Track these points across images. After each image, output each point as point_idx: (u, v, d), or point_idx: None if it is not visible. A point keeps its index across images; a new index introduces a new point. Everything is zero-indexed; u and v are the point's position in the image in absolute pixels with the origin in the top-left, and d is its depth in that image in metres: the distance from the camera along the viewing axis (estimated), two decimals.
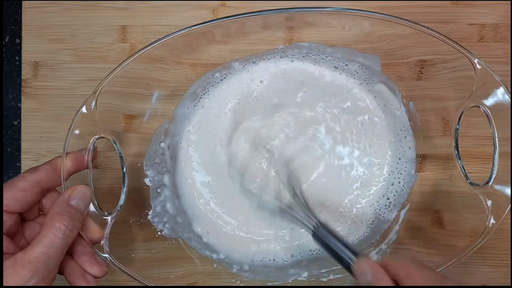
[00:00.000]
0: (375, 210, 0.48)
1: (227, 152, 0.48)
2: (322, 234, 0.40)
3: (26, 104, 0.50)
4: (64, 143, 0.41)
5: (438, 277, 0.33)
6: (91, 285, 0.38)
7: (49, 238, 0.35)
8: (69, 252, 0.39)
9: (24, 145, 0.50)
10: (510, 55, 0.48)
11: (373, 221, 0.48)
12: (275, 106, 0.48)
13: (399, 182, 0.48)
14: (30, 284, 0.34)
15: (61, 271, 0.38)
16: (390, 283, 0.33)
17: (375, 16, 0.43)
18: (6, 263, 0.34)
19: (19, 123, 0.50)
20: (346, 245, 0.38)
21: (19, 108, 0.51)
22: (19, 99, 0.51)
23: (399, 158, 0.48)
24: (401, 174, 0.48)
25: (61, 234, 0.35)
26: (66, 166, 0.40)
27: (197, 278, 0.47)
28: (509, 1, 0.48)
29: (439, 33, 0.42)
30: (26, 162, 0.50)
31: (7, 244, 0.36)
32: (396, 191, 0.48)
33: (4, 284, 0.33)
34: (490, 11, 0.48)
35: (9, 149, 0.52)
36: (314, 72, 0.48)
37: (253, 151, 0.48)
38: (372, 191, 0.48)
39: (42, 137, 0.50)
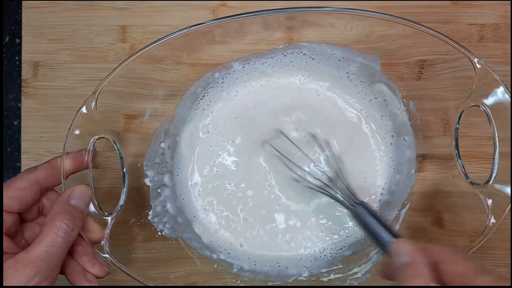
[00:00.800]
0: (375, 210, 0.48)
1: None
2: (361, 212, 0.41)
3: (26, 104, 0.50)
4: (64, 143, 0.41)
5: (479, 267, 0.32)
6: (93, 284, 0.38)
7: (50, 237, 0.35)
8: (70, 253, 0.39)
9: (24, 145, 0.50)
10: (510, 55, 0.48)
11: None
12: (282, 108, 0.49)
13: (399, 182, 0.48)
14: (32, 283, 0.34)
15: (62, 271, 0.38)
16: (427, 266, 0.32)
17: (375, 16, 0.43)
18: (8, 263, 0.34)
19: (19, 123, 0.50)
20: (384, 225, 0.39)
21: (19, 108, 0.51)
22: (19, 99, 0.51)
23: (399, 158, 0.48)
24: (401, 174, 0.48)
25: (62, 233, 0.35)
26: (66, 166, 0.40)
27: (197, 278, 0.47)
28: (509, 1, 0.48)
29: (439, 33, 0.42)
30: (26, 162, 0.50)
31: (7, 244, 0.36)
32: (396, 191, 0.48)
33: (7, 284, 0.33)
34: (490, 11, 0.48)
35: (9, 149, 0.52)
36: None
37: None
38: (371, 191, 0.48)
39: (42, 137, 0.50)
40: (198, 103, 0.49)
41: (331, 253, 0.47)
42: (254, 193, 0.48)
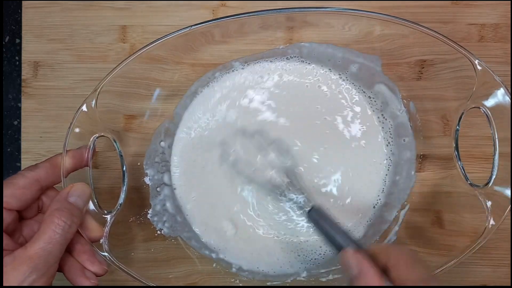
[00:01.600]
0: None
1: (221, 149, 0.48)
2: (316, 217, 0.40)
3: (26, 104, 0.50)
4: (64, 141, 0.41)
5: (426, 276, 0.32)
6: (92, 281, 0.38)
7: (48, 234, 0.35)
8: (69, 251, 0.39)
9: (24, 145, 0.50)
10: (510, 55, 0.48)
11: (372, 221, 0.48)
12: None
13: (399, 183, 0.48)
14: (29, 280, 0.33)
15: (60, 269, 0.38)
16: (376, 275, 0.32)
17: (375, 16, 0.43)
18: (6, 260, 0.34)
19: (19, 123, 0.50)
20: (337, 231, 0.38)
21: (19, 108, 0.51)
22: (19, 99, 0.51)
23: (399, 159, 0.48)
24: (400, 175, 0.48)
25: (60, 230, 0.35)
26: (66, 164, 0.40)
27: (197, 278, 0.47)
28: (509, 1, 0.48)
29: (439, 33, 0.42)
30: (26, 162, 0.50)
31: (6, 241, 0.36)
32: (396, 192, 0.48)
33: (4, 280, 0.33)
34: (490, 11, 0.48)
35: (9, 149, 0.52)
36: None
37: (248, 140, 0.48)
38: (371, 193, 0.48)
39: (42, 137, 0.50)
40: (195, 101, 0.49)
41: (331, 251, 0.47)
42: (252, 189, 0.48)
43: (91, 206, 0.41)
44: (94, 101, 0.42)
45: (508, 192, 0.41)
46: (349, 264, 0.34)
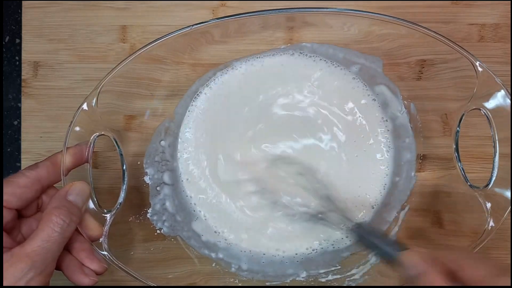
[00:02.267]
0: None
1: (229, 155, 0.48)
2: (360, 235, 0.41)
3: (26, 104, 0.50)
4: (65, 140, 0.41)
5: (496, 269, 0.30)
6: (91, 278, 0.38)
7: (46, 232, 0.35)
8: (68, 249, 0.39)
9: (24, 145, 0.50)
10: (510, 55, 0.48)
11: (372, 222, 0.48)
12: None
13: (398, 184, 0.48)
14: (27, 277, 0.33)
15: (58, 267, 0.38)
16: (441, 276, 0.31)
17: (375, 16, 0.43)
18: (3, 257, 0.34)
19: (19, 123, 0.50)
20: (386, 241, 0.38)
21: (19, 108, 0.51)
22: (19, 99, 0.51)
23: (399, 160, 0.48)
24: (400, 176, 0.48)
25: (58, 228, 0.35)
26: (66, 162, 0.40)
27: (197, 278, 0.47)
28: (509, 1, 0.48)
29: (439, 33, 0.42)
30: (26, 162, 0.50)
31: (4, 239, 0.36)
32: (395, 193, 0.48)
33: (4, 278, 0.33)
34: (490, 11, 0.48)
35: (9, 149, 0.52)
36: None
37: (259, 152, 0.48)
38: (370, 194, 0.48)
39: (42, 137, 0.50)
40: (197, 101, 0.49)
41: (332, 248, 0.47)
42: (255, 189, 0.48)
43: (91, 205, 0.41)
44: (94, 100, 0.42)
45: (508, 193, 0.41)
46: (413, 263, 0.33)
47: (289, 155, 0.48)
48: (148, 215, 0.47)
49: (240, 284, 0.47)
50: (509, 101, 0.41)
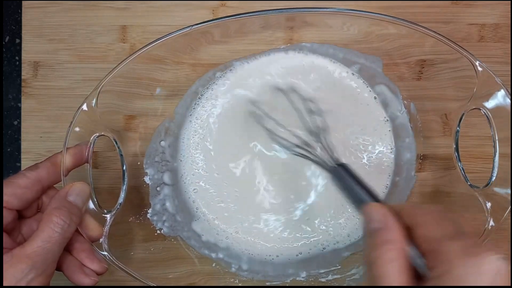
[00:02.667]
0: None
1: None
2: (341, 174, 0.38)
3: (26, 104, 0.50)
4: (65, 140, 0.41)
5: (454, 231, 0.28)
6: (92, 278, 0.38)
7: (46, 233, 0.35)
8: (68, 249, 0.39)
9: (24, 145, 0.50)
10: (510, 55, 0.48)
11: None
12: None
13: (398, 184, 0.48)
14: (28, 278, 0.33)
15: (59, 267, 0.38)
16: (399, 231, 0.29)
17: (375, 16, 0.43)
18: (4, 258, 0.34)
19: (19, 123, 0.50)
20: (364, 188, 0.36)
21: (19, 108, 0.51)
22: (19, 99, 0.51)
23: (399, 160, 0.48)
24: (400, 176, 0.48)
25: (59, 228, 0.35)
26: (66, 162, 0.40)
27: (197, 278, 0.47)
28: (509, 1, 0.48)
29: (439, 33, 0.42)
30: (26, 162, 0.50)
31: (4, 239, 0.36)
32: (395, 193, 0.48)
33: (4, 279, 0.33)
34: (490, 11, 0.48)
35: (9, 149, 0.52)
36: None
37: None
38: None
39: (42, 137, 0.50)
40: (199, 99, 0.49)
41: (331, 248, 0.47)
42: (249, 192, 0.48)
43: (91, 205, 0.41)
44: (94, 100, 0.42)
45: (508, 193, 0.41)
46: (373, 217, 0.32)
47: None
48: (148, 215, 0.47)
49: (240, 284, 0.47)
50: (509, 101, 0.41)
